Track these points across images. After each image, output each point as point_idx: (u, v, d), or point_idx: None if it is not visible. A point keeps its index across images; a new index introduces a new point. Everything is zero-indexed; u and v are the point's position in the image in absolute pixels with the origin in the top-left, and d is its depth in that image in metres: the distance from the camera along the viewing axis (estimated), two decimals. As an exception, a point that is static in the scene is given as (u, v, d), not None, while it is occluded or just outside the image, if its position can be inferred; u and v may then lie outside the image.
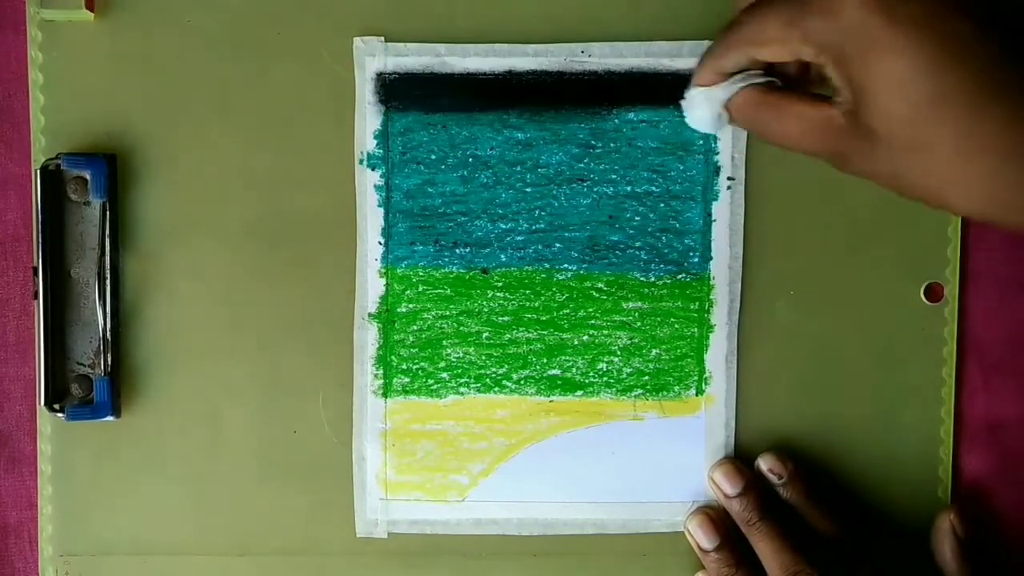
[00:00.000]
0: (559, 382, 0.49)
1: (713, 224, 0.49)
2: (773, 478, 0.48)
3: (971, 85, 0.32)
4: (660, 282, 0.49)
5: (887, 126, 0.34)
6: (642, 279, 0.49)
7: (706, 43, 0.48)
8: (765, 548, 0.47)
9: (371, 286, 0.49)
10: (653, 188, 0.49)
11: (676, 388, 0.49)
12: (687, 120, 0.41)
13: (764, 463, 0.49)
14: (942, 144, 0.33)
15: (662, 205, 0.49)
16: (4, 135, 0.49)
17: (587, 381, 0.49)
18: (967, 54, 0.32)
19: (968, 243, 0.49)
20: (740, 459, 0.49)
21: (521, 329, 0.49)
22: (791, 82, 0.38)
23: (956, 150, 0.33)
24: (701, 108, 0.40)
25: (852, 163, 0.36)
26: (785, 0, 0.35)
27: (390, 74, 0.48)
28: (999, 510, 0.50)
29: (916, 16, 0.32)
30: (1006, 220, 0.34)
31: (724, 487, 0.48)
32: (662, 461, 0.49)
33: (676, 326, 0.49)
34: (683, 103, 0.40)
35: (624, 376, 0.49)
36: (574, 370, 0.49)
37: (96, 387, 0.48)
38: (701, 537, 0.48)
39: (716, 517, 0.48)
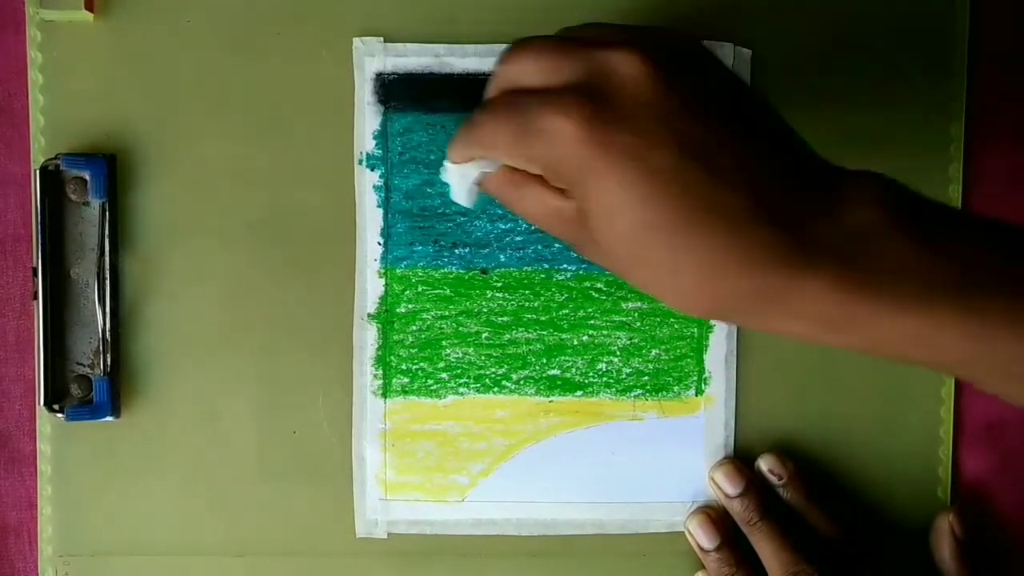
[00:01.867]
0: (558, 382, 0.49)
1: (712, 224, 0.49)
2: (773, 479, 0.48)
3: (675, 214, 0.34)
4: (660, 282, 0.49)
5: (604, 240, 0.36)
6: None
7: (706, 43, 0.48)
8: (765, 548, 0.47)
9: (370, 286, 0.49)
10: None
11: (676, 388, 0.49)
12: (451, 194, 0.42)
13: (764, 464, 0.49)
14: (653, 262, 0.35)
15: (661, 205, 0.49)
16: (3, 135, 0.49)
17: (587, 381, 0.49)
18: (671, 185, 0.34)
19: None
20: (740, 459, 0.49)
21: (520, 329, 0.49)
22: None
23: (665, 268, 0.35)
24: (455, 181, 0.41)
25: (584, 254, 0.39)
26: (512, 114, 0.37)
27: (389, 74, 0.49)
28: (999, 510, 0.50)
29: (624, 149, 0.34)
30: (724, 321, 0.37)
31: (725, 487, 0.48)
32: (661, 461, 0.49)
33: (676, 326, 0.49)
34: (442, 174, 0.42)
35: (624, 376, 0.49)
36: (573, 370, 0.49)
37: (96, 387, 0.48)
38: (702, 537, 0.48)
39: (716, 517, 0.48)
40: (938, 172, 0.49)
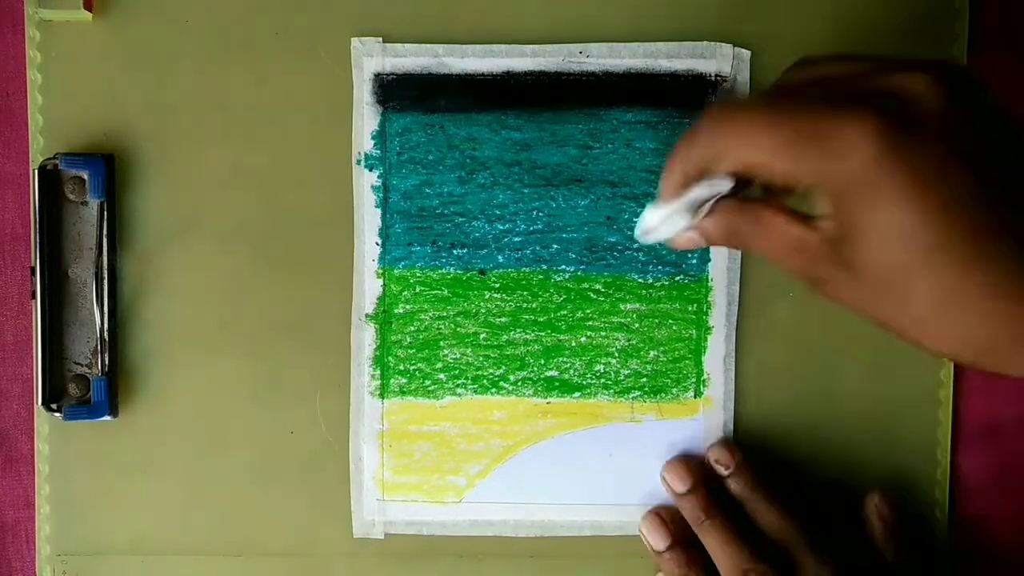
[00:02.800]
0: (556, 383, 0.49)
1: (711, 225, 0.49)
2: (720, 469, 0.48)
3: (965, 240, 0.32)
4: (658, 283, 0.49)
5: (871, 267, 0.34)
6: (640, 280, 0.49)
7: (703, 43, 0.48)
8: (714, 545, 0.46)
9: (368, 287, 0.49)
10: (651, 189, 0.49)
11: (674, 390, 0.49)
12: (646, 238, 0.39)
13: (712, 454, 0.49)
14: (923, 293, 0.33)
15: (660, 206, 0.49)
16: (3, 134, 0.49)
17: (585, 383, 0.49)
18: (965, 209, 0.32)
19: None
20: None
21: (519, 330, 0.49)
22: (744, 187, 0.37)
23: (936, 301, 0.33)
24: (664, 228, 0.38)
25: (829, 289, 0.36)
26: (784, 115, 0.34)
27: (388, 75, 0.48)
28: (997, 512, 0.50)
29: (925, 169, 0.33)
30: (976, 366, 0.35)
31: (674, 485, 0.48)
32: (660, 463, 0.49)
33: (674, 328, 0.49)
34: (646, 217, 0.39)
35: (622, 378, 0.49)
36: (571, 371, 0.49)
37: (93, 387, 0.48)
38: (653, 538, 0.48)
39: (668, 518, 0.48)
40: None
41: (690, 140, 0.37)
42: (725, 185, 0.36)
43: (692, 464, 0.48)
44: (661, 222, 0.38)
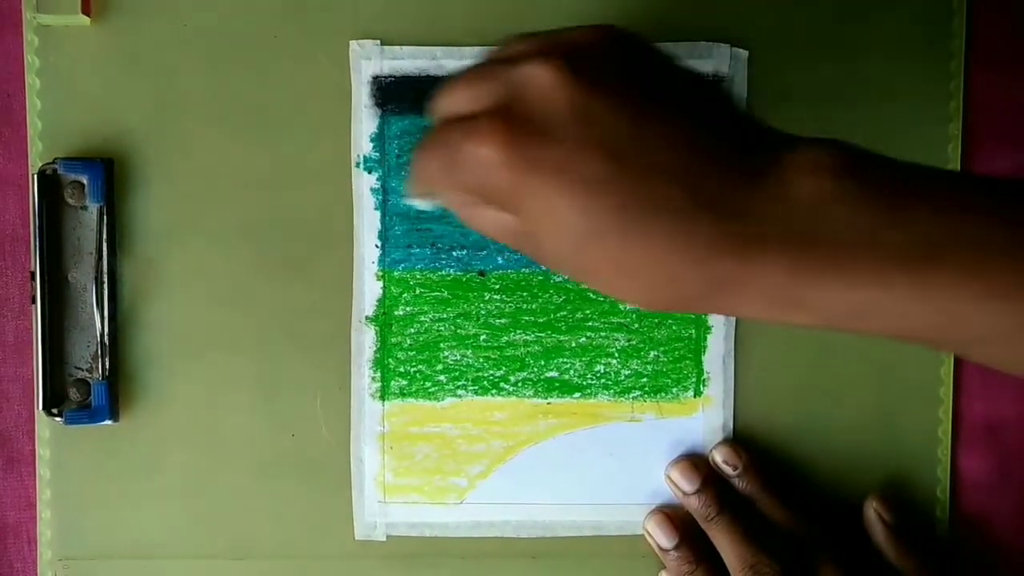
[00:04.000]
0: (557, 384, 0.49)
1: (710, 225, 0.49)
2: (728, 469, 0.48)
3: (614, 219, 0.33)
4: (657, 284, 0.49)
5: (553, 254, 0.35)
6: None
7: (701, 44, 0.48)
8: (723, 542, 0.47)
9: (368, 289, 0.49)
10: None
11: (674, 390, 0.49)
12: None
13: (718, 455, 0.49)
14: (604, 269, 0.34)
15: (659, 207, 0.49)
16: (2, 136, 0.49)
17: (585, 383, 0.49)
18: (605, 191, 0.33)
19: (966, 243, 0.49)
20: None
21: (518, 331, 0.49)
22: None
23: (617, 272, 0.34)
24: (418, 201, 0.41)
25: (544, 265, 0.38)
26: (439, 147, 0.36)
27: (386, 77, 0.48)
28: (997, 510, 0.50)
29: (550, 164, 0.33)
30: (686, 311, 0.37)
31: (681, 484, 0.48)
32: (660, 463, 0.49)
33: (674, 327, 0.49)
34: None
35: (622, 378, 0.49)
36: (572, 372, 0.49)
37: (94, 391, 0.48)
38: (660, 536, 0.48)
39: (674, 516, 0.48)
40: (936, 172, 0.49)
41: (413, 168, 0.39)
42: None
43: (699, 463, 0.49)
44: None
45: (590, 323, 0.49)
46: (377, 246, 0.49)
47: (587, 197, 0.33)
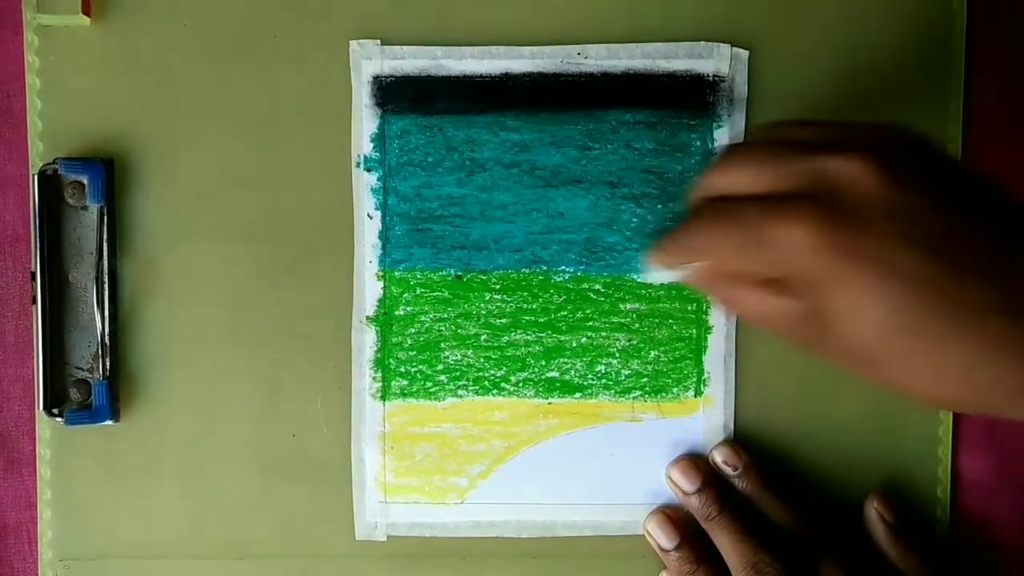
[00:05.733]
0: (557, 384, 0.49)
1: (711, 225, 0.49)
2: (728, 470, 0.48)
3: (923, 314, 0.33)
4: (658, 283, 0.49)
5: (847, 343, 0.35)
6: (640, 280, 0.49)
7: (701, 44, 0.48)
8: (725, 541, 0.47)
9: (368, 289, 0.49)
10: (650, 190, 0.49)
11: (674, 389, 0.49)
12: (648, 276, 0.44)
13: (718, 455, 0.49)
14: (901, 363, 0.34)
15: (659, 207, 0.49)
16: (3, 135, 0.49)
17: (585, 383, 0.49)
18: (917, 285, 0.33)
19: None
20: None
21: (519, 331, 0.49)
22: None
23: (914, 368, 0.34)
24: (659, 276, 0.42)
25: (817, 354, 0.37)
26: (735, 224, 0.36)
27: (386, 77, 0.48)
28: (997, 510, 0.50)
29: (865, 253, 0.33)
30: (981, 413, 0.35)
31: (682, 484, 0.48)
32: (661, 462, 0.49)
33: (674, 327, 0.49)
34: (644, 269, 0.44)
35: (622, 378, 0.49)
36: (572, 372, 0.49)
37: (95, 391, 0.48)
38: (660, 537, 0.48)
39: (674, 516, 0.48)
40: (936, 172, 0.49)
41: (679, 243, 0.39)
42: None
43: (699, 463, 0.49)
44: (659, 274, 0.42)
45: (591, 323, 0.49)
46: (377, 246, 0.49)
47: (901, 291, 0.33)
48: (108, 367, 0.48)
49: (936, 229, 0.34)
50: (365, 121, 0.49)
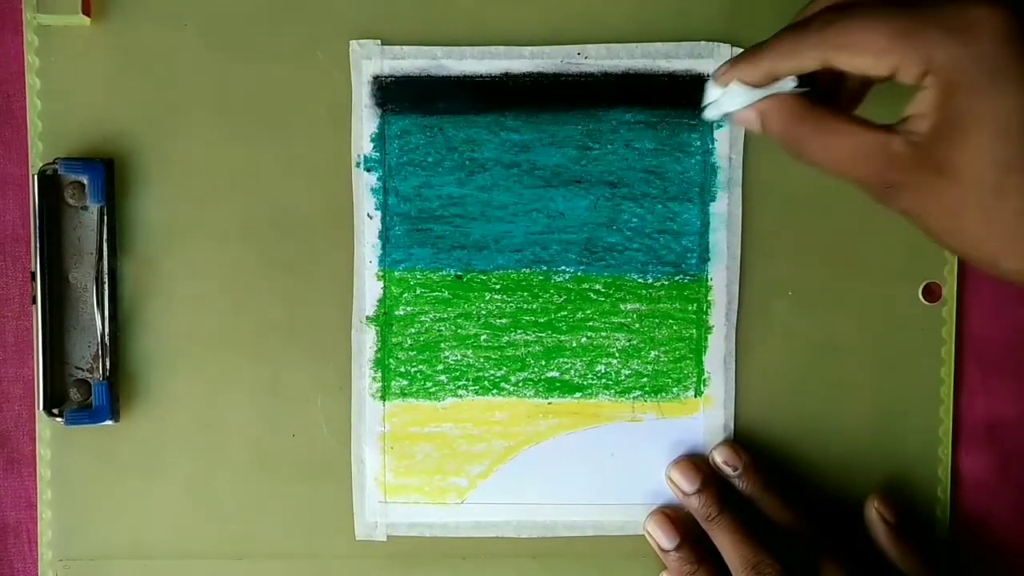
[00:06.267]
0: (557, 384, 0.49)
1: (711, 225, 0.49)
2: (728, 470, 0.48)
3: None
4: (658, 283, 0.49)
5: (973, 165, 0.33)
6: (640, 280, 0.49)
7: (702, 44, 0.48)
8: (725, 541, 0.47)
9: (368, 289, 0.49)
10: (650, 189, 0.49)
11: (675, 389, 0.49)
12: (706, 111, 0.39)
13: (718, 456, 0.49)
14: (1016, 198, 0.32)
15: (659, 206, 0.49)
16: (3, 135, 0.49)
17: (585, 383, 0.49)
18: None
19: (966, 243, 0.49)
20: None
21: (519, 331, 0.49)
22: (822, 95, 0.37)
23: (1000, 207, 0.33)
24: (731, 102, 0.37)
25: (904, 197, 0.35)
26: (899, 8, 0.34)
27: (386, 77, 0.48)
28: (998, 510, 0.50)
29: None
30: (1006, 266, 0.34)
31: (682, 484, 0.48)
32: (661, 462, 0.49)
33: (674, 327, 0.49)
34: (709, 89, 0.38)
35: (623, 378, 0.49)
36: (572, 372, 0.49)
37: (95, 391, 0.48)
38: (660, 537, 0.48)
39: (674, 516, 0.48)
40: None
41: (798, 37, 0.35)
42: (789, 85, 0.36)
43: (699, 463, 0.49)
44: (722, 95, 0.38)
45: (591, 323, 0.49)
46: (377, 246, 0.49)
47: None
48: (108, 367, 0.48)
49: None
50: (365, 121, 0.49)
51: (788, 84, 0.36)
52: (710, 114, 0.39)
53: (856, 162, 0.35)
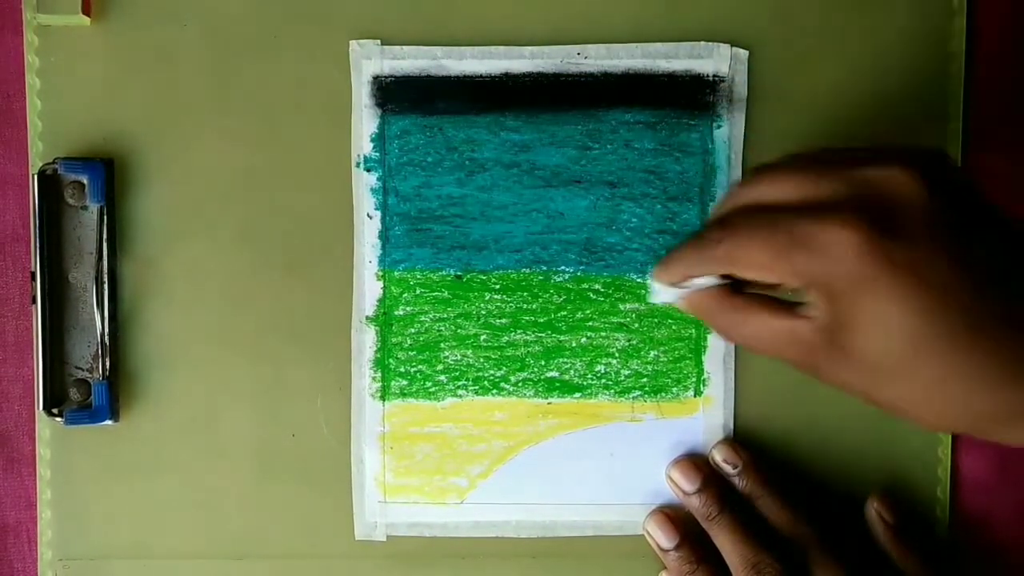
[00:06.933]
0: (557, 384, 0.49)
1: (710, 225, 0.49)
2: (727, 468, 0.48)
3: (950, 326, 0.34)
4: (658, 283, 0.49)
5: (866, 354, 0.35)
6: (639, 280, 0.49)
7: (701, 44, 0.48)
8: (725, 541, 0.47)
9: (368, 289, 0.49)
10: (650, 190, 0.49)
11: (674, 389, 0.49)
12: (651, 297, 0.43)
13: (718, 454, 0.49)
14: (917, 378, 0.35)
15: (659, 206, 0.49)
16: (3, 135, 0.49)
17: (585, 383, 0.49)
18: (947, 297, 0.34)
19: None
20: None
21: (519, 331, 0.49)
22: (748, 282, 0.39)
23: (929, 385, 0.35)
24: (665, 295, 0.41)
25: (821, 375, 0.38)
26: (771, 229, 0.36)
27: (386, 77, 0.48)
28: (999, 510, 0.50)
29: (904, 262, 0.34)
30: (976, 435, 0.36)
31: (682, 484, 0.48)
32: (660, 462, 0.49)
33: (674, 327, 0.49)
34: (651, 291, 0.42)
35: (622, 378, 0.49)
36: (572, 372, 0.49)
37: (94, 391, 0.48)
38: (660, 537, 0.48)
39: (675, 516, 0.49)
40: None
41: (699, 250, 0.39)
42: (711, 281, 0.40)
43: (700, 463, 0.49)
44: (659, 288, 0.42)
45: (590, 323, 0.49)
46: (377, 246, 0.49)
47: (930, 300, 0.34)
48: (108, 367, 0.48)
49: (965, 246, 0.35)
50: (365, 121, 0.49)
51: (708, 280, 0.39)
52: (654, 300, 0.42)
53: (776, 346, 0.38)
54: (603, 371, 0.49)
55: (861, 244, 0.34)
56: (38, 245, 0.47)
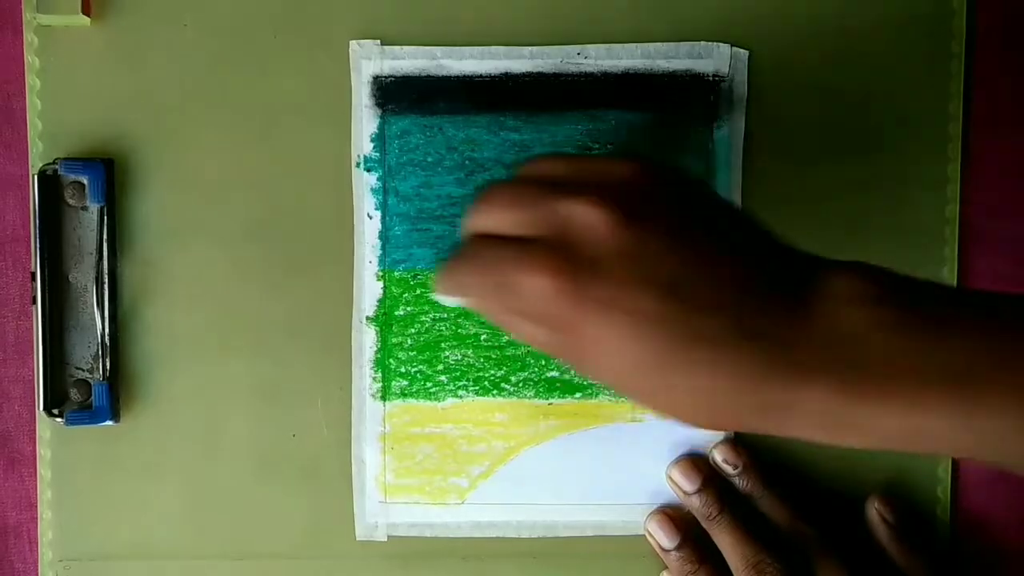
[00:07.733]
0: (558, 384, 0.49)
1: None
2: (728, 468, 0.48)
3: (660, 351, 0.34)
4: (658, 283, 0.49)
5: (602, 376, 0.36)
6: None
7: (701, 44, 0.48)
8: (726, 541, 0.47)
9: (368, 289, 0.49)
10: (650, 190, 0.49)
11: (675, 389, 0.49)
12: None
13: (718, 454, 0.49)
14: (651, 393, 0.35)
15: (659, 207, 0.49)
16: (3, 135, 0.49)
17: (585, 383, 0.49)
18: (651, 324, 0.34)
19: (966, 243, 0.49)
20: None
21: (519, 331, 0.49)
22: None
23: (665, 398, 0.35)
24: (447, 301, 0.41)
25: (585, 375, 0.39)
26: (487, 268, 0.37)
27: (386, 77, 0.48)
28: (999, 510, 0.50)
29: (599, 297, 0.34)
30: (753, 432, 0.36)
31: (683, 484, 0.48)
32: (661, 462, 0.49)
33: (674, 327, 0.49)
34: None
35: (623, 378, 0.49)
36: (572, 372, 0.49)
37: (95, 392, 0.48)
38: (661, 537, 0.48)
39: (675, 516, 0.49)
40: (936, 172, 0.49)
41: (444, 278, 0.39)
42: None
43: (700, 463, 0.49)
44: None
45: (591, 323, 0.49)
46: (377, 246, 0.49)
47: (636, 331, 0.34)
48: (108, 367, 0.48)
49: (668, 268, 0.34)
50: (365, 121, 0.49)
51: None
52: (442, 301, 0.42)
53: (541, 348, 0.38)
54: (603, 371, 0.49)
55: (556, 288, 0.34)
56: (38, 245, 0.47)
